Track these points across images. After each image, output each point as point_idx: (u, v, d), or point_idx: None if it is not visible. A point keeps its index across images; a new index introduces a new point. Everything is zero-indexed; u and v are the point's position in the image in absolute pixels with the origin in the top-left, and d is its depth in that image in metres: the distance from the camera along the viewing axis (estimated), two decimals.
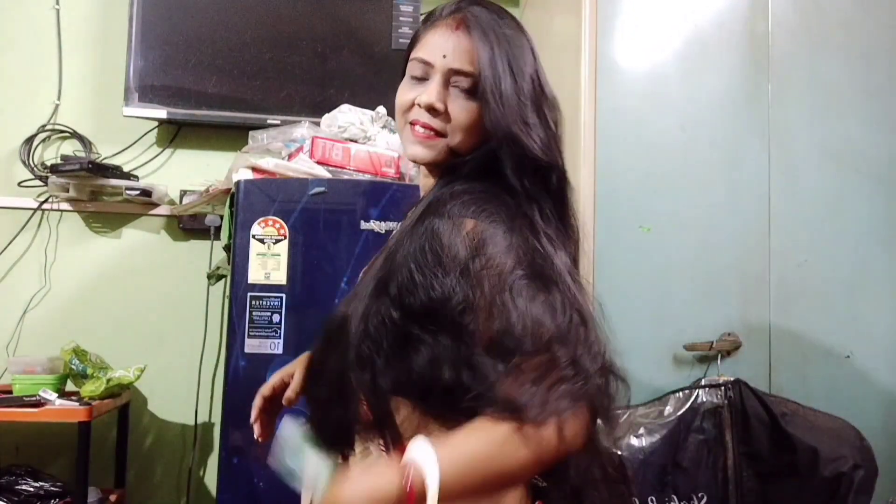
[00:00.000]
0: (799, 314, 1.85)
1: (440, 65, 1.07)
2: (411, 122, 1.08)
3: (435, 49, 1.07)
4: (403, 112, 1.09)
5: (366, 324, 0.94)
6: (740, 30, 1.91)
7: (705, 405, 1.70)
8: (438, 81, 1.06)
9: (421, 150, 1.07)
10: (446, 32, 1.08)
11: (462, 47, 1.06)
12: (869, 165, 1.91)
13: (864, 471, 1.65)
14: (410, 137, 1.08)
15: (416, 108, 1.07)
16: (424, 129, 1.06)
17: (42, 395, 1.99)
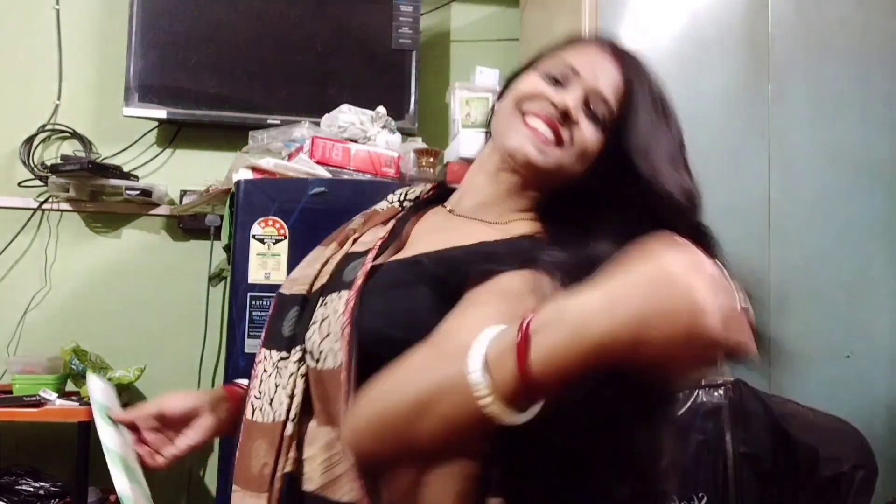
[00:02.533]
0: (799, 314, 1.85)
1: (588, 80, 0.95)
2: (531, 112, 0.93)
3: (587, 64, 0.97)
4: (521, 100, 0.95)
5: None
6: (740, 30, 1.91)
7: (705, 405, 1.70)
8: (580, 95, 0.94)
9: (534, 151, 0.92)
10: (601, 55, 0.99)
11: (612, 77, 0.97)
12: (869, 165, 1.91)
13: (864, 471, 1.65)
14: (522, 130, 0.93)
15: (542, 102, 0.93)
16: (548, 126, 0.92)
17: (42, 395, 1.99)
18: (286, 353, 0.92)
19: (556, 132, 0.92)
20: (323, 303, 0.90)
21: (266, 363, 0.94)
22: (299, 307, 0.94)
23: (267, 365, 0.93)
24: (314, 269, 0.97)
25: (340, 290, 0.89)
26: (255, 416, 0.92)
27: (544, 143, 0.92)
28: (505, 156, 0.95)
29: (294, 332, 0.92)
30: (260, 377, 0.93)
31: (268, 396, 0.91)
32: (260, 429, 0.90)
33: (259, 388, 0.93)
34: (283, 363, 0.92)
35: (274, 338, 0.95)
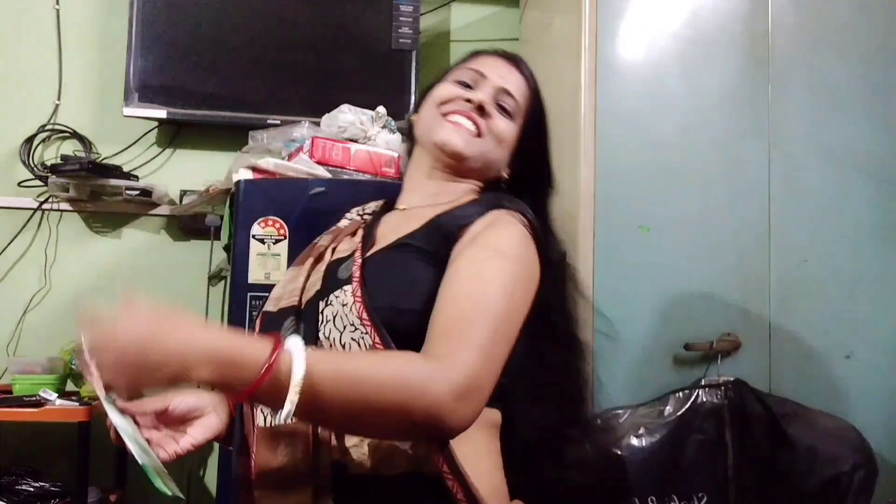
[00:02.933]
0: (799, 314, 1.85)
1: (495, 80, 1.12)
2: (449, 111, 1.09)
3: (493, 68, 1.14)
4: (441, 103, 1.11)
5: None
6: (740, 30, 1.91)
7: (705, 405, 1.70)
8: (490, 92, 1.11)
9: (459, 140, 1.07)
10: (505, 64, 1.16)
11: (516, 80, 1.14)
12: (869, 165, 1.91)
13: (864, 471, 1.65)
14: (445, 125, 1.08)
15: (458, 102, 1.09)
16: (466, 119, 1.08)
17: (42, 395, 1.99)
18: None
19: (476, 124, 1.08)
20: (328, 303, 0.96)
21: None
22: (294, 317, 0.99)
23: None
24: (298, 284, 1.03)
25: (341, 286, 0.97)
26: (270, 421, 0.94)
27: (467, 134, 1.07)
28: (435, 152, 1.10)
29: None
30: None
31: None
32: (283, 432, 0.92)
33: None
34: None
35: None
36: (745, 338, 1.80)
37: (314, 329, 0.95)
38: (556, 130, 2.11)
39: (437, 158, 1.10)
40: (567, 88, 1.94)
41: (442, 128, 1.08)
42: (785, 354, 1.83)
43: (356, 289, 0.95)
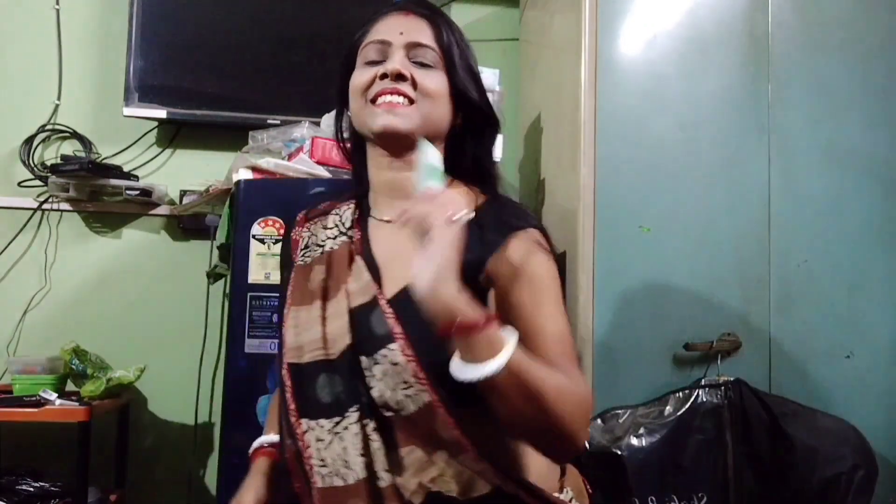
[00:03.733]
0: (799, 314, 1.85)
1: (399, 41, 1.07)
2: (375, 96, 1.03)
3: (390, 30, 1.08)
4: (362, 92, 1.05)
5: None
6: (740, 30, 1.91)
7: (705, 405, 1.70)
8: (401, 55, 1.05)
9: (396, 119, 1.02)
10: (398, 17, 1.10)
11: (417, 26, 1.08)
12: (869, 165, 1.91)
13: (864, 471, 1.65)
14: (376, 111, 1.03)
15: (377, 83, 1.04)
16: (393, 95, 1.02)
17: (42, 395, 1.99)
18: (339, 418, 0.96)
19: (403, 94, 1.03)
20: (374, 361, 0.95)
21: (315, 432, 0.97)
22: (327, 373, 0.98)
23: (319, 433, 0.97)
24: (317, 332, 1.01)
25: (384, 344, 0.95)
26: (331, 480, 0.95)
27: (398, 107, 1.02)
28: (381, 140, 1.05)
29: (336, 397, 0.97)
30: (315, 447, 0.97)
31: (340, 460, 0.95)
32: (345, 491, 0.95)
33: (320, 457, 0.96)
34: (341, 427, 0.96)
35: (313, 407, 0.98)
36: (745, 338, 1.80)
37: (356, 385, 0.96)
38: (556, 130, 2.12)
39: (385, 146, 1.06)
40: (567, 88, 1.94)
41: (374, 115, 1.03)
42: (785, 354, 1.83)
43: (404, 347, 0.94)
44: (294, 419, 0.98)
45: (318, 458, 0.96)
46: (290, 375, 1.01)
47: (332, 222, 1.12)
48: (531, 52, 2.40)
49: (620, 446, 1.63)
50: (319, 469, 0.96)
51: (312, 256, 1.09)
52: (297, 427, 0.98)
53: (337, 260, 1.05)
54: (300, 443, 0.97)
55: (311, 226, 1.14)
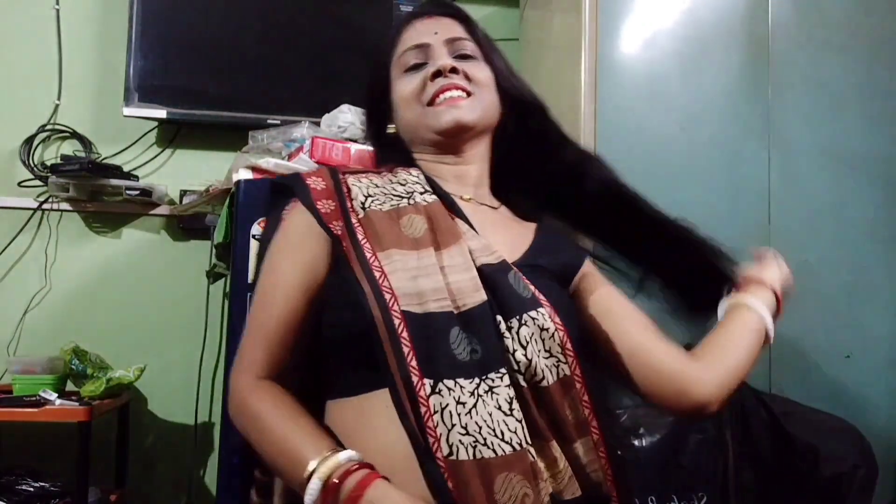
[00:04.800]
0: (799, 314, 1.85)
1: (437, 40, 1.07)
2: (434, 96, 1.03)
3: (422, 33, 1.09)
4: (417, 97, 1.05)
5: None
6: (740, 30, 1.91)
7: None
8: (444, 52, 1.06)
9: (462, 112, 1.03)
10: (424, 21, 1.10)
11: (448, 23, 1.10)
12: (869, 165, 1.91)
13: (865, 470, 1.65)
14: (438, 111, 1.03)
15: (429, 84, 1.04)
16: (452, 91, 1.03)
17: (42, 395, 1.99)
18: (479, 379, 0.85)
19: (460, 88, 1.03)
20: (521, 322, 0.90)
21: (452, 394, 0.83)
22: (461, 328, 0.87)
23: (459, 394, 0.84)
24: (440, 282, 0.89)
25: (533, 308, 0.92)
26: (479, 452, 0.82)
27: (461, 101, 1.03)
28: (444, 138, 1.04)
29: (479, 356, 0.86)
30: (452, 411, 0.83)
31: (487, 428, 0.83)
32: (499, 464, 0.82)
33: (461, 423, 0.83)
34: (483, 390, 0.85)
35: (446, 365, 0.85)
36: None
37: (499, 345, 0.88)
38: None
39: (448, 146, 1.05)
40: (567, 88, 1.94)
41: (438, 115, 1.02)
42: (785, 354, 1.83)
43: (552, 315, 0.93)
44: (416, 378, 0.83)
45: (459, 424, 0.82)
46: (406, 326, 0.85)
47: (403, 178, 1.03)
48: (531, 52, 2.40)
49: (620, 446, 1.63)
50: (461, 438, 0.82)
51: (394, 205, 0.97)
52: (420, 388, 0.83)
53: (439, 214, 0.97)
54: (422, 408, 0.82)
55: (357, 179, 1.03)
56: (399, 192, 1.00)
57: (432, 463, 0.81)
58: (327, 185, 1.00)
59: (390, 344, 0.85)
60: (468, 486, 0.81)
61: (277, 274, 0.97)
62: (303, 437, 0.85)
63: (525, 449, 0.84)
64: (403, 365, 0.84)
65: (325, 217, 0.96)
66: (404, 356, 0.84)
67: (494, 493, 0.81)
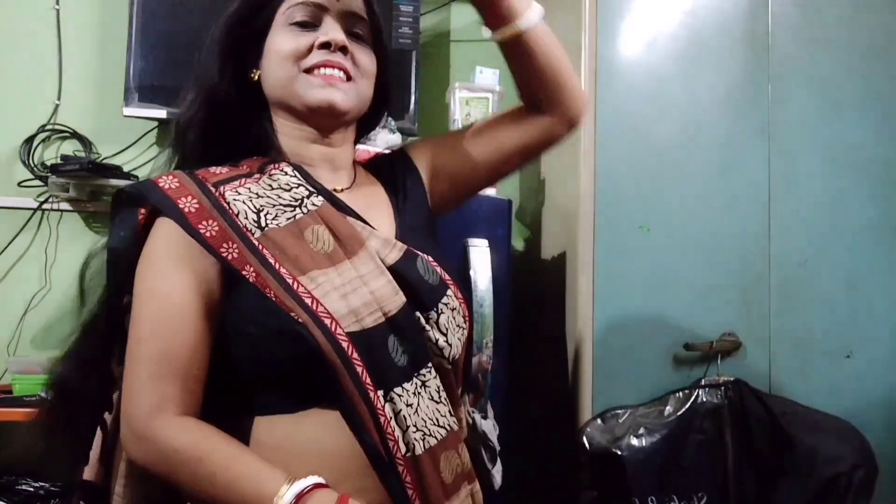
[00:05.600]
0: (799, 314, 1.85)
1: (336, 8, 0.99)
2: (312, 66, 0.96)
3: None
4: (296, 59, 0.96)
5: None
6: (740, 30, 1.91)
7: (705, 405, 1.70)
8: (336, 24, 0.98)
9: (337, 94, 0.96)
10: None
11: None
12: (869, 165, 1.91)
13: (864, 470, 1.65)
14: (313, 82, 0.95)
15: (315, 52, 0.96)
16: (335, 69, 0.96)
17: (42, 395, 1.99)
18: (415, 378, 0.90)
19: (344, 70, 0.96)
20: (439, 312, 0.93)
21: (402, 399, 0.88)
22: (394, 335, 0.89)
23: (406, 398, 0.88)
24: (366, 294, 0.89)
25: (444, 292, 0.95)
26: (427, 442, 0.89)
27: (341, 82, 0.96)
28: (313, 114, 0.98)
29: (410, 357, 0.90)
30: (404, 414, 0.88)
31: (430, 420, 0.90)
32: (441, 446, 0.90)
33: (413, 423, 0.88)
34: (420, 385, 0.90)
35: (390, 374, 0.88)
36: (745, 338, 1.81)
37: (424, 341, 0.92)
38: None
39: (315, 122, 0.99)
40: None
41: (311, 86, 0.95)
42: (785, 354, 1.83)
43: (456, 291, 0.96)
44: (372, 393, 0.85)
45: (411, 424, 0.88)
46: (353, 346, 0.86)
47: (284, 182, 0.96)
48: None
49: (620, 446, 1.63)
50: (413, 435, 0.87)
51: (289, 218, 0.92)
52: (377, 401, 0.85)
53: (333, 218, 0.94)
54: (381, 418, 0.86)
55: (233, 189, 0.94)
56: (287, 201, 0.94)
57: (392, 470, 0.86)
58: (202, 204, 0.92)
59: (344, 367, 0.85)
60: (425, 475, 0.88)
61: (169, 299, 0.89)
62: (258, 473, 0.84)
63: (452, 426, 0.93)
64: (360, 383, 0.85)
65: (212, 241, 0.89)
66: (359, 375, 0.85)
67: (441, 473, 0.89)
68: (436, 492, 0.89)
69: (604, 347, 1.76)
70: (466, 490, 0.95)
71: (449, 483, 0.91)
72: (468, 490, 0.95)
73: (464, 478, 0.94)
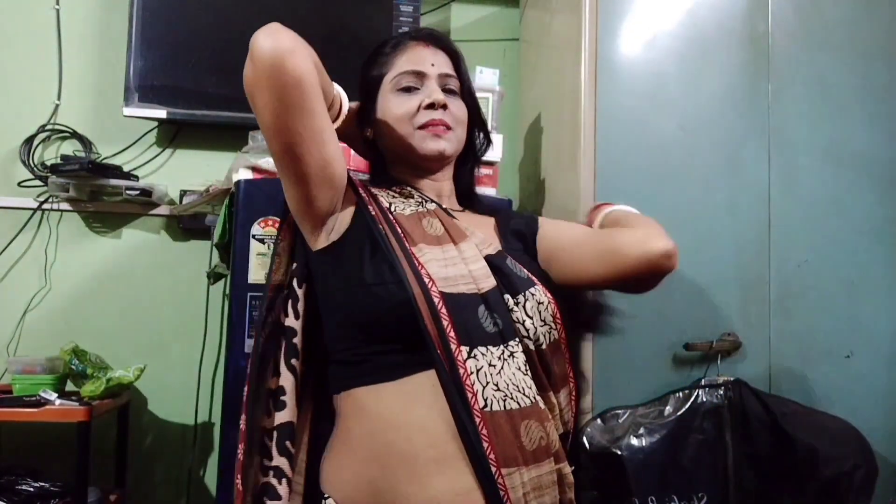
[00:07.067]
0: (799, 314, 1.85)
1: (433, 72, 1.24)
2: (424, 124, 1.22)
3: (422, 61, 1.25)
4: (409, 119, 1.23)
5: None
6: (740, 30, 1.91)
7: (705, 405, 1.70)
8: (436, 85, 1.24)
9: (447, 144, 1.23)
10: (424, 48, 1.26)
11: (442, 58, 1.27)
12: (869, 165, 1.91)
13: (865, 471, 1.65)
14: (429, 136, 1.22)
15: (423, 112, 1.22)
16: (442, 126, 1.22)
17: (42, 395, 1.99)
18: (503, 346, 1.08)
19: (445, 125, 1.23)
20: (525, 297, 1.13)
21: (485, 358, 1.06)
22: (485, 306, 1.09)
23: (490, 358, 1.06)
24: (464, 269, 1.12)
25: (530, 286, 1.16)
26: (508, 404, 1.05)
27: (446, 133, 1.23)
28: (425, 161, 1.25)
29: (499, 328, 1.09)
30: (486, 372, 1.05)
31: (512, 385, 1.06)
32: (521, 413, 1.05)
33: (493, 381, 1.05)
34: (508, 354, 1.08)
35: (478, 335, 1.07)
36: (745, 338, 1.81)
37: (512, 319, 1.11)
38: (556, 130, 2.12)
39: (429, 167, 1.27)
40: (567, 88, 1.94)
41: (425, 140, 1.22)
42: (785, 354, 1.83)
43: (545, 290, 1.16)
44: (454, 346, 1.04)
45: (491, 383, 1.04)
46: (444, 303, 1.06)
47: (406, 193, 1.27)
48: (531, 52, 2.40)
49: (620, 446, 1.63)
50: (493, 393, 1.04)
51: (413, 210, 1.21)
52: (458, 353, 1.04)
53: (445, 217, 1.21)
54: (460, 369, 1.03)
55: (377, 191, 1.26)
56: (411, 203, 1.23)
57: (470, 421, 1.01)
58: (359, 183, 1.26)
59: (431, 318, 1.04)
60: (500, 431, 1.02)
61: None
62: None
63: (537, 401, 1.09)
64: (444, 336, 1.04)
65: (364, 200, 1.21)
66: (444, 329, 1.04)
67: (521, 437, 1.03)
68: (512, 452, 1.02)
69: (604, 347, 1.76)
70: (551, 466, 1.07)
71: (529, 450, 1.04)
72: (553, 468, 1.08)
73: (548, 454, 1.07)
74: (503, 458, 1.00)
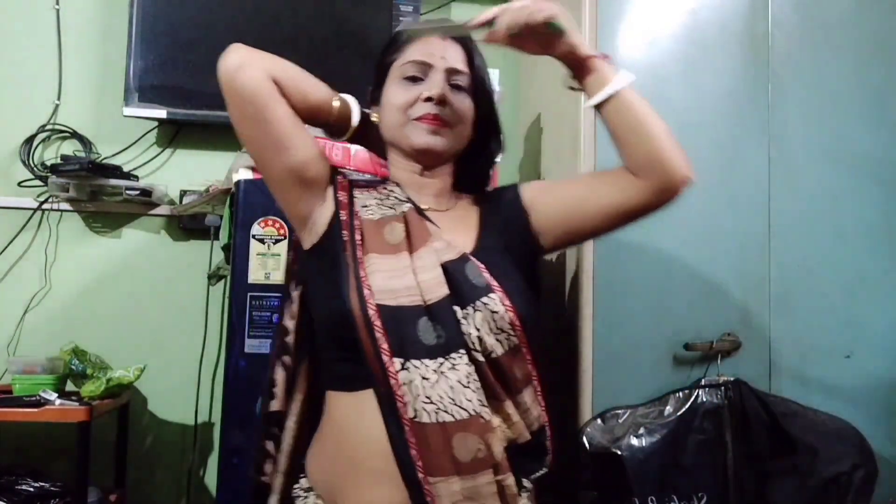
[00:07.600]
0: (799, 314, 1.85)
1: (440, 64, 1.21)
2: (418, 117, 1.18)
3: (433, 52, 1.22)
4: (405, 109, 1.20)
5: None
6: (740, 30, 1.91)
7: (705, 405, 1.70)
8: (441, 78, 1.20)
9: (436, 140, 1.19)
10: (436, 40, 1.22)
11: (455, 51, 1.23)
12: (869, 165, 1.91)
13: (865, 471, 1.65)
14: (420, 128, 1.18)
15: (420, 104, 1.19)
16: (436, 119, 1.18)
17: (42, 395, 1.99)
18: (443, 359, 1.06)
19: (441, 118, 1.19)
20: (475, 308, 1.09)
21: (418, 371, 1.05)
22: (428, 318, 1.07)
23: (424, 371, 1.05)
24: (410, 280, 1.09)
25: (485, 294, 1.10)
26: (441, 416, 1.03)
27: (441, 127, 1.19)
28: (415, 155, 1.22)
29: (441, 340, 1.06)
30: (418, 384, 1.04)
31: (447, 398, 1.04)
32: (455, 426, 1.04)
33: (425, 395, 1.04)
34: (449, 367, 1.06)
35: (414, 347, 1.06)
36: (745, 338, 1.80)
37: (458, 330, 1.07)
38: (556, 130, 2.12)
39: (418, 160, 1.22)
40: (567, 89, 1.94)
41: (417, 131, 1.19)
42: (785, 354, 1.83)
43: (503, 298, 1.10)
44: (387, 357, 1.04)
45: (423, 395, 1.03)
46: (379, 315, 1.06)
47: (386, 194, 1.24)
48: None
49: (620, 446, 1.63)
50: (424, 406, 1.03)
51: (382, 214, 1.18)
52: (390, 366, 1.04)
53: (414, 220, 1.17)
54: (391, 380, 1.04)
55: (360, 192, 1.24)
56: (386, 206, 1.21)
57: (399, 430, 1.03)
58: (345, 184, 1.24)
59: (365, 329, 1.05)
60: (430, 441, 1.02)
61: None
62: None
63: (478, 413, 1.05)
64: (376, 347, 1.05)
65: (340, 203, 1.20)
66: (377, 340, 1.05)
67: (453, 449, 1.03)
68: (441, 462, 1.02)
69: (604, 347, 1.76)
70: (489, 478, 1.05)
71: (463, 462, 1.03)
72: (492, 479, 1.06)
73: (486, 466, 1.05)
74: (431, 467, 1.02)
